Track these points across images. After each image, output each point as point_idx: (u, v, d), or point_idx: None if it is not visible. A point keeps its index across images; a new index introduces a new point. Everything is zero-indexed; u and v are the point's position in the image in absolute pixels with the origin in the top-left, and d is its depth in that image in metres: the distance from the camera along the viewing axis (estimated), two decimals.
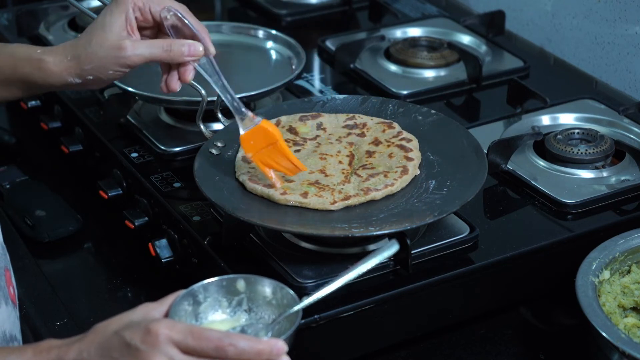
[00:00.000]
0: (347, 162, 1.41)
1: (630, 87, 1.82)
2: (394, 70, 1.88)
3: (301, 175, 1.37)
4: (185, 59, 1.34)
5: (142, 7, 1.34)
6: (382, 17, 2.09)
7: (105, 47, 1.32)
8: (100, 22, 1.33)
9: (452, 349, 1.35)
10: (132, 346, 1.01)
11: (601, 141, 1.58)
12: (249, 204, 1.35)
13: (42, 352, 1.05)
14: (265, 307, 1.15)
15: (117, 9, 1.33)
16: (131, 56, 1.32)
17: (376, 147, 1.44)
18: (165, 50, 1.33)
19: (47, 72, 1.35)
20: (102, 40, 1.32)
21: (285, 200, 1.32)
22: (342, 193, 1.34)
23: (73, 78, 1.35)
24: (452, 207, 1.33)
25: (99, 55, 1.32)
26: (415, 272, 1.32)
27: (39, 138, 1.85)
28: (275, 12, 2.13)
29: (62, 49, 1.35)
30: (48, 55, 1.35)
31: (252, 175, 1.36)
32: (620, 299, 1.33)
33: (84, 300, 1.47)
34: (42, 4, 2.04)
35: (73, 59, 1.34)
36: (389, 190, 1.35)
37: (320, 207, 1.32)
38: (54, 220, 1.58)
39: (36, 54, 1.36)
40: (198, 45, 1.34)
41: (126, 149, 1.61)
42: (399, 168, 1.39)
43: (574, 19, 1.92)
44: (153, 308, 1.09)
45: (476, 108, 1.81)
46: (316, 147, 1.44)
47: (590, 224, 1.44)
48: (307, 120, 1.49)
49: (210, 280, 1.15)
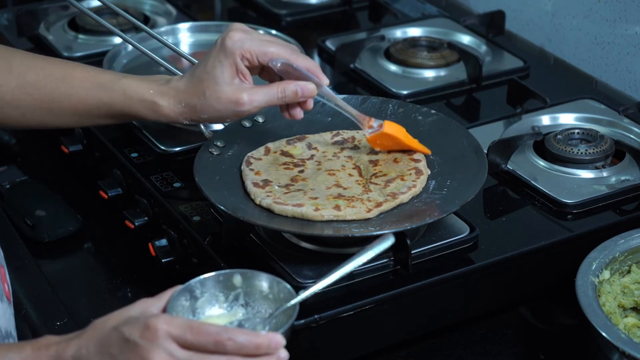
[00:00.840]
0: (357, 173, 1.41)
1: (630, 87, 1.82)
2: (394, 70, 1.88)
3: (321, 191, 1.36)
4: (299, 100, 1.36)
5: (250, 58, 1.35)
6: (382, 17, 2.09)
7: (223, 101, 1.34)
8: (212, 74, 1.34)
9: (452, 349, 1.35)
10: (131, 341, 1.02)
11: (601, 141, 1.58)
12: (249, 204, 1.35)
13: (40, 349, 1.06)
14: (262, 302, 1.16)
15: (227, 61, 1.34)
16: (249, 109, 1.35)
17: (376, 155, 1.44)
18: (280, 96, 1.35)
19: (161, 114, 1.37)
20: (217, 94, 1.34)
21: (321, 216, 1.31)
22: (372, 201, 1.33)
23: (187, 121, 1.38)
24: (452, 207, 1.33)
25: (216, 108, 1.35)
26: (415, 272, 1.32)
27: (39, 138, 1.85)
28: (275, 12, 2.12)
29: (174, 93, 1.36)
30: (161, 99, 1.37)
31: (274, 198, 1.35)
32: (620, 299, 1.33)
33: (84, 300, 1.47)
34: (42, 4, 2.04)
35: (187, 106, 1.36)
36: (413, 192, 1.36)
37: (358, 217, 1.31)
38: (54, 220, 1.58)
39: (149, 94, 1.37)
40: (310, 87, 1.35)
41: (126, 149, 1.61)
42: (412, 170, 1.39)
43: (574, 19, 1.92)
44: (151, 304, 1.09)
45: (476, 108, 1.81)
46: (318, 165, 1.43)
47: (590, 224, 1.44)
48: (295, 142, 1.48)
49: (207, 276, 1.16)
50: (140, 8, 2.09)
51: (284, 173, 1.41)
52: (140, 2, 2.11)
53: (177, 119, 1.38)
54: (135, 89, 1.38)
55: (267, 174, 1.40)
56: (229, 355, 1.02)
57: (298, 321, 1.24)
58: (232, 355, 1.02)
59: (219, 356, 1.02)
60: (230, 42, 1.34)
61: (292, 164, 1.43)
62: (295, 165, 1.43)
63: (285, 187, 1.37)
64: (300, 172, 1.42)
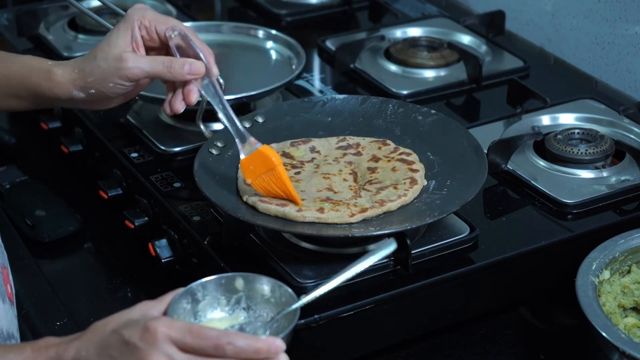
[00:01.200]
0: (352, 179, 1.41)
1: (630, 87, 1.82)
2: (394, 70, 1.88)
3: (311, 194, 1.36)
4: (186, 77, 1.34)
5: (148, 25, 1.36)
6: (382, 17, 2.09)
7: (108, 60, 1.34)
8: (107, 38, 1.36)
9: (452, 349, 1.35)
10: (130, 344, 1.01)
11: (601, 141, 1.58)
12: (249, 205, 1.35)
13: (40, 350, 1.06)
14: (264, 305, 1.16)
15: (124, 26, 1.35)
16: (132, 68, 1.33)
17: (376, 163, 1.44)
18: (166, 66, 1.34)
19: (54, 82, 1.36)
20: (105, 54, 1.34)
21: (303, 217, 1.31)
22: (358, 206, 1.33)
23: (77, 91, 1.36)
24: (452, 207, 1.33)
25: (101, 67, 1.34)
26: (415, 272, 1.32)
27: (39, 138, 1.85)
28: (275, 12, 2.12)
29: (72, 62, 1.38)
30: (57, 67, 1.37)
31: (261, 195, 1.35)
32: (620, 299, 1.33)
33: (84, 300, 1.47)
34: (42, 4, 2.04)
35: (79, 71, 1.36)
36: (402, 201, 1.35)
37: (340, 221, 1.31)
38: (54, 220, 1.58)
39: (47, 65, 1.38)
40: (200, 64, 1.34)
41: (126, 149, 1.61)
42: (407, 180, 1.39)
43: (574, 19, 1.92)
44: (152, 306, 1.09)
45: (476, 108, 1.81)
46: (316, 169, 1.43)
47: (590, 224, 1.44)
48: (299, 145, 1.48)
49: (209, 279, 1.15)
50: None
51: None
52: (140, 2, 2.11)
53: (68, 88, 1.36)
54: (36, 60, 1.40)
55: None
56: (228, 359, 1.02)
57: (298, 321, 1.24)
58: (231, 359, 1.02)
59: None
60: (131, 10, 1.37)
61: (290, 165, 1.43)
62: (293, 167, 1.43)
63: None
64: (297, 173, 1.42)
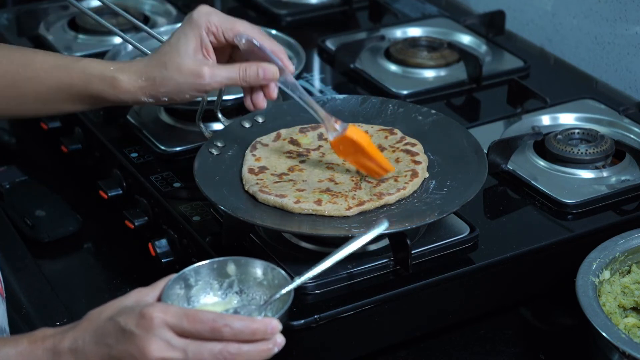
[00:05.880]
0: (355, 169, 1.41)
1: (630, 87, 1.82)
2: (394, 70, 1.88)
3: (311, 184, 1.36)
4: (261, 82, 1.33)
5: (216, 31, 1.32)
6: (382, 17, 2.09)
7: (183, 73, 1.31)
8: (175, 45, 1.32)
9: (452, 349, 1.35)
10: (127, 331, 1.02)
11: (601, 141, 1.58)
12: (249, 204, 1.35)
13: (37, 342, 1.06)
14: (257, 289, 1.16)
15: (192, 32, 1.32)
16: (210, 83, 1.31)
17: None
18: (241, 76, 1.32)
19: (121, 90, 1.33)
20: (178, 65, 1.31)
21: (300, 209, 1.31)
22: (356, 199, 1.33)
23: (147, 98, 1.34)
24: (452, 207, 1.33)
25: (176, 80, 1.31)
26: (415, 272, 1.32)
27: (39, 138, 1.85)
28: (275, 12, 2.12)
29: (135, 68, 1.34)
30: (121, 74, 1.33)
31: (262, 186, 1.36)
32: (620, 299, 1.33)
33: (83, 300, 1.47)
34: (42, 4, 2.04)
35: (148, 80, 1.32)
36: (401, 194, 1.35)
37: (336, 214, 1.31)
38: (53, 220, 1.59)
39: (109, 71, 1.34)
40: (273, 69, 1.33)
41: (126, 149, 1.61)
42: (408, 172, 1.39)
43: (574, 19, 1.92)
44: (145, 293, 1.10)
45: (476, 108, 1.81)
46: (321, 157, 1.44)
47: (590, 224, 1.44)
48: (308, 131, 1.48)
49: (201, 264, 1.16)
50: (140, 8, 2.10)
51: (284, 161, 1.41)
52: (140, 2, 2.11)
53: (136, 94, 1.33)
54: (95, 66, 1.36)
55: (267, 160, 1.41)
56: (225, 342, 1.02)
57: (298, 321, 1.24)
58: (228, 342, 1.03)
59: (215, 343, 1.02)
60: (197, 14, 1.33)
61: (296, 153, 1.44)
62: (299, 155, 1.43)
63: (279, 176, 1.38)
64: (301, 162, 1.42)
